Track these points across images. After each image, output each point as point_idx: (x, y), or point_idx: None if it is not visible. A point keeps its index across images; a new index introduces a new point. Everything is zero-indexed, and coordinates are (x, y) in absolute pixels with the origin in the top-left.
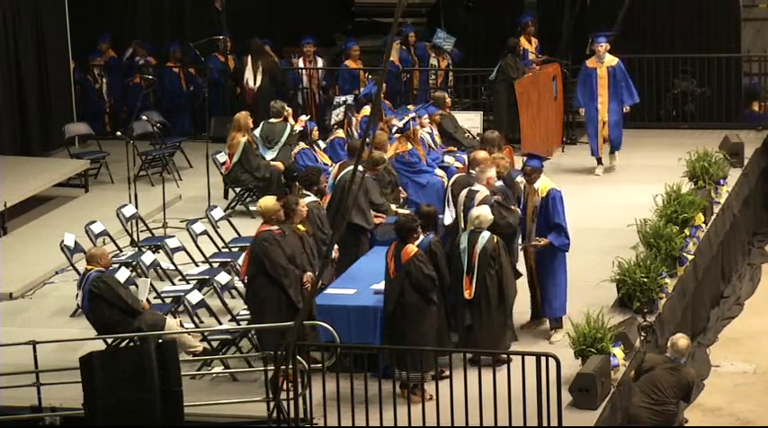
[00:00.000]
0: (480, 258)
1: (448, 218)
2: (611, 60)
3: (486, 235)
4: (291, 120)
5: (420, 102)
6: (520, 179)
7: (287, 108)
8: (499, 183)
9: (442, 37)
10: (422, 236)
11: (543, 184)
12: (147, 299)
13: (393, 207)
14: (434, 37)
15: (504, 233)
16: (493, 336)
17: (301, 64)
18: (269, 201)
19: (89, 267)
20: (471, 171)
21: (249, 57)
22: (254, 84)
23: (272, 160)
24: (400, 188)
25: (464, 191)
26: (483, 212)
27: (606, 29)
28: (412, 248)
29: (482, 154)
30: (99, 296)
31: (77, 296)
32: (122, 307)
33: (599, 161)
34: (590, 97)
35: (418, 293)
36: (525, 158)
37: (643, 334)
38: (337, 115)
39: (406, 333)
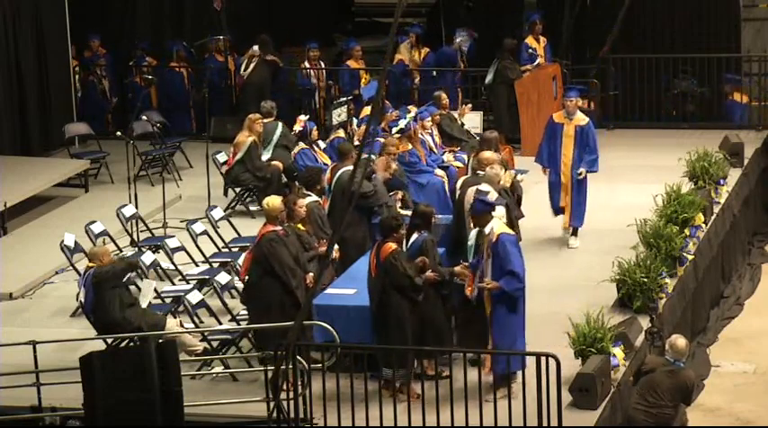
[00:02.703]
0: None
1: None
2: (581, 119)
3: None
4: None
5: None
6: (519, 177)
7: (274, 107)
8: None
9: (464, 35)
10: (416, 235)
11: (495, 229)
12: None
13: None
14: (455, 37)
15: None
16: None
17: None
18: (275, 201)
19: (90, 265)
20: (479, 171)
21: (252, 47)
22: (244, 71)
23: (268, 160)
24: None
25: (470, 191)
26: (497, 214)
27: (581, 83)
28: (390, 246)
29: (488, 153)
30: (100, 283)
31: (78, 294)
32: (120, 274)
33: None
34: (553, 157)
35: (397, 291)
36: (474, 201)
37: (650, 337)
38: (338, 115)
39: (388, 331)
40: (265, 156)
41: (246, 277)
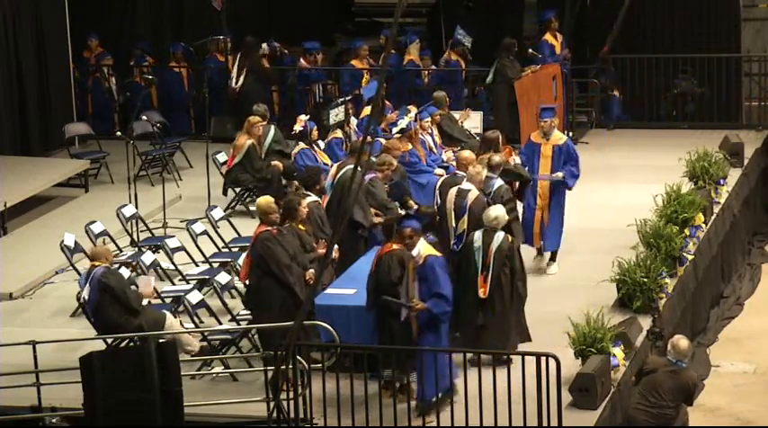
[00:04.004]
0: (495, 257)
1: None
2: (559, 138)
3: (500, 234)
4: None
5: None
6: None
7: (268, 111)
8: (500, 182)
9: (462, 33)
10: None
11: (422, 250)
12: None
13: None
14: (456, 33)
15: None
16: (504, 336)
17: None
18: (265, 201)
19: (95, 264)
20: (458, 172)
21: (239, 54)
22: (236, 83)
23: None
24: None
25: (453, 190)
26: (500, 213)
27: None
28: (389, 246)
29: (466, 153)
30: (107, 289)
31: (81, 292)
32: (126, 303)
33: (539, 251)
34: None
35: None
36: (402, 220)
37: (651, 337)
38: (336, 115)
39: (382, 331)
40: None
41: (247, 281)
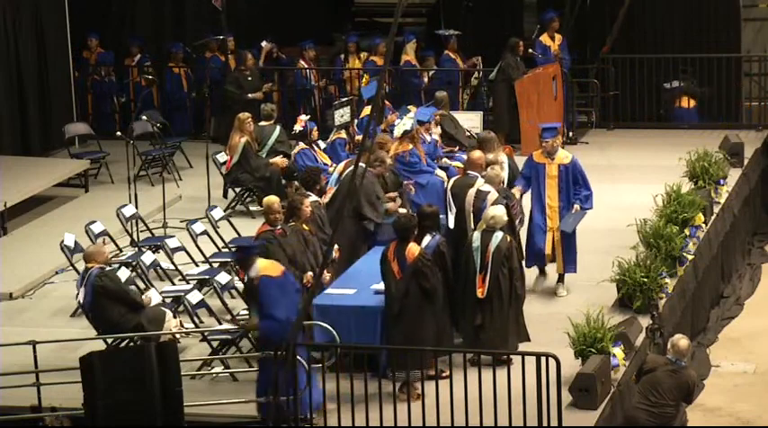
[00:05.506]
0: (494, 257)
1: (451, 221)
2: (565, 157)
3: (499, 234)
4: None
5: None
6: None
7: (275, 110)
8: None
9: (441, 32)
10: (428, 237)
11: (259, 270)
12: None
13: (394, 205)
14: (442, 36)
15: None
16: (502, 336)
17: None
18: (268, 200)
19: (89, 265)
20: (470, 172)
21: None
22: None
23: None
24: (410, 187)
25: (472, 191)
26: (498, 213)
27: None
28: (416, 247)
29: (477, 153)
30: (103, 291)
31: (78, 294)
32: (126, 300)
33: (542, 271)
34: (536, 199)
35: (423, 293)
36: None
37: (650, 335)
38: (341, 116)
39: (408, 333)
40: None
41: (246, 277)
